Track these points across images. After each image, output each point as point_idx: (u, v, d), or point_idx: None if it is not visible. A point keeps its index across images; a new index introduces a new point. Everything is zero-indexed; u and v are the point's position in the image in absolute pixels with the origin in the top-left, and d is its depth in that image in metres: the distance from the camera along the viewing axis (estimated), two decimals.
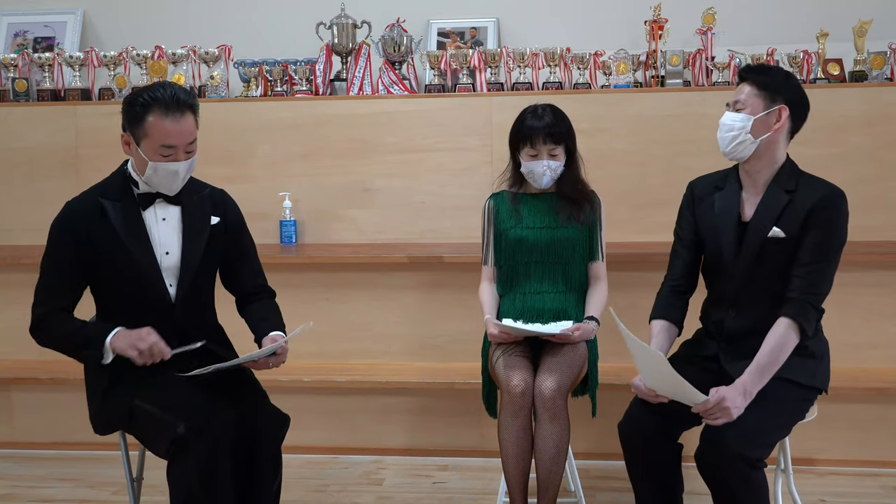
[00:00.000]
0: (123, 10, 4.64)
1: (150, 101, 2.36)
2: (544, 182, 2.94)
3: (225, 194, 2.68)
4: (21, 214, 4.12)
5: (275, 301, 2.73)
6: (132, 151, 2.44)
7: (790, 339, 2.40)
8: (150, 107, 2.36)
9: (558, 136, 2.91)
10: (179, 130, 2.38)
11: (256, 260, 2.73)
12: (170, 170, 2.41)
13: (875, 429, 3.42)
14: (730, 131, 2.47)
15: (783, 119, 2.47)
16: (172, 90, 2.38)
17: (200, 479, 2.28)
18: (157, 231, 2.50)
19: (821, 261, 2.42)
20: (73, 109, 4.09)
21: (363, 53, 4.13)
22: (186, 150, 2.42)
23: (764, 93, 2.46)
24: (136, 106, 2.38)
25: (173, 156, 2.40)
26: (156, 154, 2.39)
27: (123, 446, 2.61)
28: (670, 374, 2.27)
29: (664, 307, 2.65)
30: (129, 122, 2.41)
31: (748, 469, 2.27)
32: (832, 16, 4.09)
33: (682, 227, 2.68)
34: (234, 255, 2.66)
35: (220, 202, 2.64)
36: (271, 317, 2.65)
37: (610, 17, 4.34)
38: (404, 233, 3.99)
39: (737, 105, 2.49)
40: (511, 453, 2.75)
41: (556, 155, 2.92)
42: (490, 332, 2.88)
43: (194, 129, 2.43)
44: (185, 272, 2.51)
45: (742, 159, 2.51)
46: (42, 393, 3.76)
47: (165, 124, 2.36)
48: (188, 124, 2.40)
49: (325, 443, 3.68)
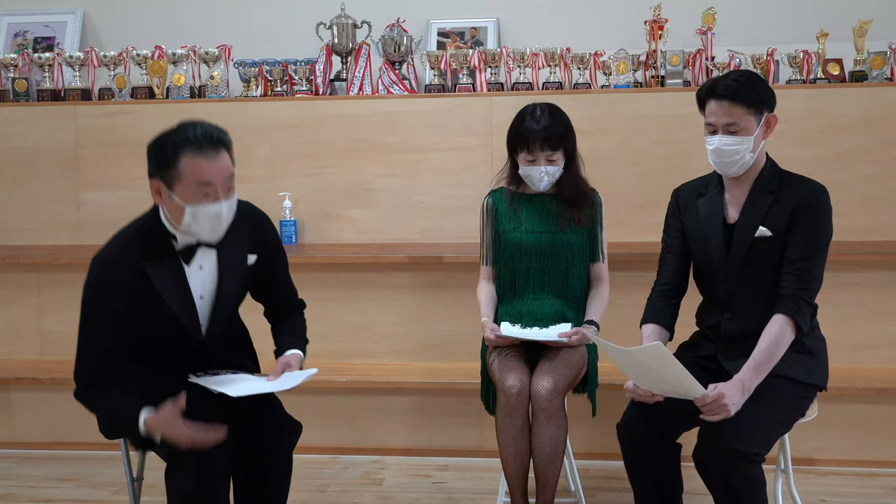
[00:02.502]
0: (123, 10, 4.64)
1: (180, 141, 2.19)
2: (542, 186, 2.93)
3: (255, 213, 2.49)
4: (21, 214, 4.12)
5: (303, 314, 2.66)
6: (164, 200, 2.24)
7: (786, 334, 2.41)
8: (182, 147, 2.19)
9: (556, 142, 2.87)
10: (217, 167, 2.21)
11: (288, 275, 2.62)
12: (211, 213, 2.22)
13: (875, 429, 3.42)
14: (733, 156, 2.45)
15: (773, 125, 2.50)
16: (202, 127, 2.22)
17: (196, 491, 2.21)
18: (194, 279, 2.34)
19: (809, 257, 2.44)
20: (73, 109, 4.09)
21: (363, 53, 4.13)
22: (226, 188, 2.24)
23: (754, 109, 2.45)
24: (165, 148, 2.20)
25: (213, 195, 2.21)
26: (194, 195, 2.20)
27: (123, 446, 2.60)
28: (669, 366, 2.26)
29: (654, 312, 2.66)
30: (159, 166, 2.22)
31: (745, 464, 2.28)
32: (832, 16, 4.09)
33: (669, 234, 2.70)
34: (269, 277, 2.53)
35: (258, 231, 2.46)
36: (297, 333, 2.58)
37: (610, 17, 4.34)
38: (404, 233, 3.99)
39: (730, 128, 2.43)
40: (509, 453, 2.75)
41: (554, 160, 2.89)
42: (486, 336, 2.87)
43: (231, 165, 2.26)
44: (217, 315, 2.38)
45: (741, 174, 2.52)
46: (42, 393, 3.76)
47: (200, 162, 2.18)
48: (224, 161, 2.24)
49: (325, 443, 3.67)
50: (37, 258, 3.87)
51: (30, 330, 3.93)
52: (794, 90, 3.76)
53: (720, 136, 2.46)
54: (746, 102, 2.44)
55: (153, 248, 2.28)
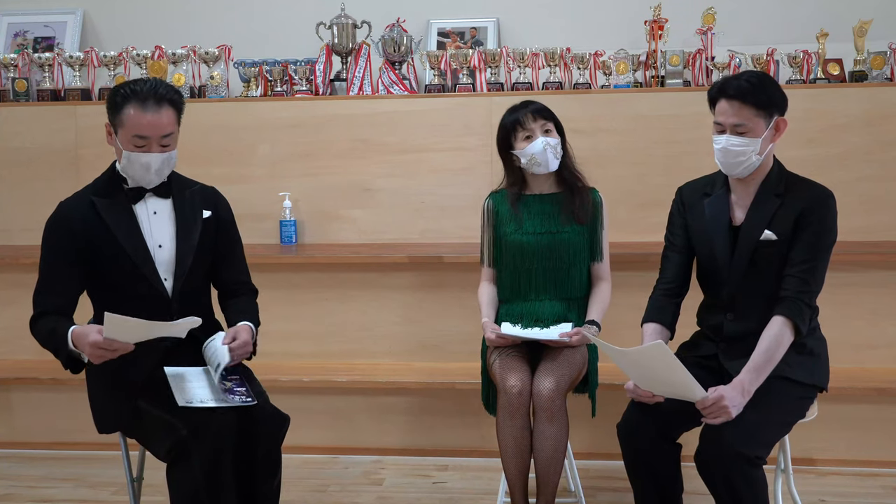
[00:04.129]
0: (123, 10, 4.64)
1: (129, 93, 2.41)
2: (549, 161, 2.89)
3: (216, 191, 2.70)
4: (20, 214, 4.12)
5: (255, 299, 2.73)
6: (113, 142, 2.48)
7: (785, 336, 2.41)
8: (129, 98, 2.41)
9: (547, 113, 2.93)
10: (153, 122, 2.40)
11: (243, 257, 2.75)
12: (141, 161, 2.44)
13: (875, 429, 3.42)
14: (739, 156, 2.45)
15: (782, 129, 2.48)
16: (154, 84, 2.44)
17: (205, 482, 2.27)
18: (150, 225, 2.52)
19: (813, 259, 2.44)
20: (73, 109, 4.09)
21: (363, 53, 4.13)
22: (162, 144, 2.44)
23: (764, 111, 2.44)
24: (116, 96, 2.43)
25: (146, 147, 2.42)
26: (129, 144, 2.42)
27: (123, 446, 2.61)
28: (670, 366, 2.26)
29: (656, 311, 2.66)
30: (110, 111, 2.46)
31: (748, 467, 2.28)
32: (832, 16, 4.09)
33: (673, 232, 2.69)
34: (222, 250, 2.67)
35: (212, 198, 2.67)
36: (249, 312, 2.65)
37: (610, 17, 4.34)
38: (404, 233, 3.99)
39: (739, 129, 2.43)
40: (509, 454, 2.75)
41: (550, 131, 2.91)
42: (487, 336, 2.88)
43: (172, 123, 2.45)
44: (179, 266, 2.53)
45: (747, 175, 2.51)
46: (42, 393, 3.76)
47: (139, 115, 2.40)
48: (165, 118, 2.43)
49: (325, 443, 3.67)
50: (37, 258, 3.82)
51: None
52: (794, 90, 3.74)
53: (727, 136, 2.45)
54: (756, 104, 2.42)
55: (104, 187, 2.54)
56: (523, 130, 2.90)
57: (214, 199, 2.67)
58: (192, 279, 2.56)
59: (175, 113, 2.47)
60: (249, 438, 2.41)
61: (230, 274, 2.70)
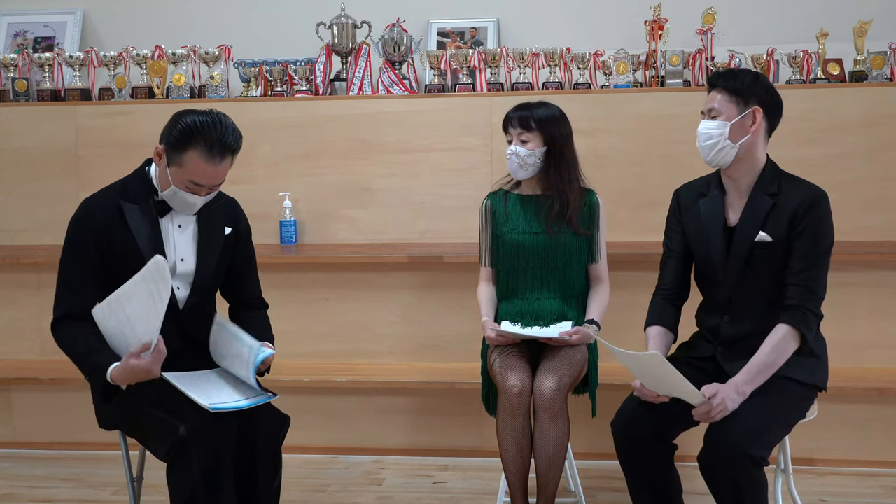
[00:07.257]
0: (123, 10, 4.64)
1: (197, 133, 2.33)
2: (514, 170, 2.93)
3: (236, 204, 2.68)
4: (21, 214, 4.12)
5: (266, 313, 2.75)
6: (161, 165, 2.42)
7: (789, 345, 2.42)
8: (197, 141, 2.33)
9: (526, 122, 2.89)
10: (214, 174, 2.38)
11: (257, 272, 2.75)
12: (188, 201, 2.43)
13: (875, 429, 3.42)
14: (708, 140, 2.49)
15: (759, 120, 2.48)
16: (223, 130, 2.35)
17: (204, 481, 2.27)
18: (174, 238, 2.50)
19: (813, 266, 2.44)
20: (72, 109, 4.09)
21: (363, 53, 4.13)
22: (211, 189, 2.43)
23: (736, 97, 2.47)
24: (182, 129, 2.35)
25: (197, 192, 2.41)
26: (182, 184, 2.39)
27: (123, 446, 2.60)
28: (668, 374, 2.28)
29: (658, 314, 2.66)
30: (170, 141, 2.38)
31: (752, 468, 2.28)
32: (832, 16, 4.09)
33: (670, 237, 2.70)
34: (239, 266, 2.67)
35: (233, 212, 2.65)
36: (266, 329, 2.67)
37: (610, 17, 4.35)
38: (404, 233, 3.99)
39: (711, 113, 2.50)
40: (510, 453, 2.75)
41: (525, 141, 2.90)
42: (487, 335, 2.88)
43: (227, 171, 2.42)
44: (198, 280, 2.52)
45: (724, 165, 2.52)
46: (42, 393, 3.76)
47: (203, 165, 2.35)
48: (224, 168, 2.39)
49: (325, 443, 3.68)
50: (37, 258, 3.87)
51: (30, 330, 3.93)
52: (794, 90, 3.76)
53: (703, 121, 2.51)
54: (727, 89, 2.48)
55: (133, 192, 2.47)
56: (507, 133, 2.94)
57: (235, 213, 2.65)
58: (207, 293, 2.58)
59: (233, 159, 2.42)
60: (250, 439, 2.41)
61: (246, 288, 2.71)
